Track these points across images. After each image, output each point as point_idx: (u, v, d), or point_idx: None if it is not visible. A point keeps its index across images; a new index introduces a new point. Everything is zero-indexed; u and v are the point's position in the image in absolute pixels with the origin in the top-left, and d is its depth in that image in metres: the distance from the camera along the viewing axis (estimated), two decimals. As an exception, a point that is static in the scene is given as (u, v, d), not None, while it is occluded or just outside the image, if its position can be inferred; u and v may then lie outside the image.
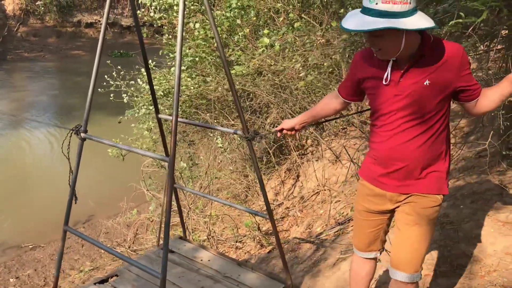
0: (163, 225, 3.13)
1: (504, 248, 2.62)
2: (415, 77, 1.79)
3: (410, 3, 1.64)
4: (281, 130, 2.32)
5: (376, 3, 1.65)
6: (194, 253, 2.96)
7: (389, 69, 1.82)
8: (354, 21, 1.72)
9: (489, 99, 1.80)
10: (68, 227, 2.26)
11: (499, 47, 3.08)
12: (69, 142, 2.18)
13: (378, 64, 1.87)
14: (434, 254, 2.81)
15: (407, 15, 1.65)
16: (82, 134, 2.18)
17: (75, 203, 2.22)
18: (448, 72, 1.76)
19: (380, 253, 2.22)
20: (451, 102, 1.90)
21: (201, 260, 2.89)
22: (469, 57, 3.21)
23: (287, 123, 2.29)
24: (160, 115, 2.79)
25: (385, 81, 1.83)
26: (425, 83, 1.77)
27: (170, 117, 2.56)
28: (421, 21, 1.66)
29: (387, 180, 1.96)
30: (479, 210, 3.05)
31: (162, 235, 3.20)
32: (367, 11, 1.68)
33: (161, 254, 2.94)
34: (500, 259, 2.57)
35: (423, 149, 1.85)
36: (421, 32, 1.76)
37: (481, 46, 3.26)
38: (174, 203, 3.26)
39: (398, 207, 2.00)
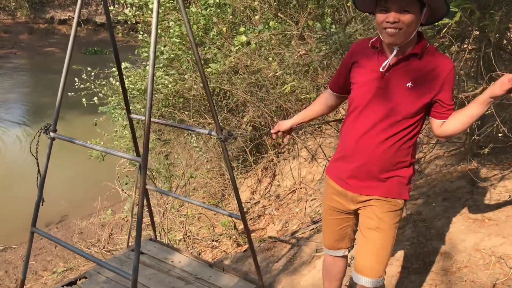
0: (133, 226, 3.09)
1: (474, 244, 2.68)
2: (400, 76, 1.79)
3: None
4: (277, 132, 2.28)
5: None
6: (165, 254, 2.93)
7: (394, 53, 1.78)
8: None
9: (456, 119, 1.78)
10: (35, 229, 2.20)
11: (471, 47, 3.14)
12: (38, 142, 2.13)
13: (372, 54, 1.86)
14: (407, 251, 2.86)
15: None
16: (52, 134, 2.11)
17: (42, 204, 2.16)
18: (432, 81, 1.76)
19: (349, 251, 2.24)
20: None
21: (172, 261, 2.86)
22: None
23: (283, 125, 2.25)
24: (132, 115, 2.72)
25: (382, 68, 1.80)
26: (407, 85, 1.78)
27: (142, 117, 2.52)
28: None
29: (350, 180, 1.97)
30: (451, 207, 3.11)
31: (133, 236, 3.16)
32: None
33: (131, 255, 2.91)
34: (470, 256, 2.62)
35: (390, 151, 1.85)
36: (419, 33, 1.78)
37: (454, 46, 3.32)
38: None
39: (360, 208, 2.01)
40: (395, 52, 1.77)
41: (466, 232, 2.80)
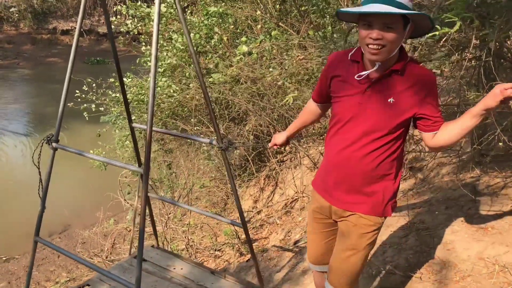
0: (135, 234, 3.10)
1: (478, 253, 2.67)
2: (382, 91, 1.78)
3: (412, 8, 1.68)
4: (274, 145, 2.35)
5: None
6: (167, 261, 2.94)
7: (376, 67, 1.75)
8: (375, 6, 1.64)
9: (449, 131, 1.76)
10: (39, 238, 2.21)
11: (471, 56, 3.15)
12: (40, 152, 2.15)
13: (352, 68, 1.84)
14: (410, 260, 2.85)
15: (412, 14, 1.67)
16: (54, 144, 2.14)
17: (42, 211, 2.18)
18: (414, 96, 1.76)
19: None
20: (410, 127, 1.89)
21: (174, 268, 2.87)
22: (444, 69, 3.30)
23: (279, 138, 2.32)
24: (134, 124, 2.74)
25: (358, 78, 1.78)
26: (389, 100, 1.77)
27: (144, 126, 2.54)
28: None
29: (334, 192, 1.97)
30: (454, 216, 3.10)
31: (135, 244, 3.17)
32: (385, 1, 1.64)
33: (133, 263, 2.91)
34: (474, 264, 2.61)
35: (373, 164, 1.84)
36: (400, 48, 1.75)
37: (455, 55, 3.33)
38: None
39: (341, 221, 2.02)
40: (376, 67, 1.75)
41: (469, 240, 2.80)
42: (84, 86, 6.58)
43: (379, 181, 1.88)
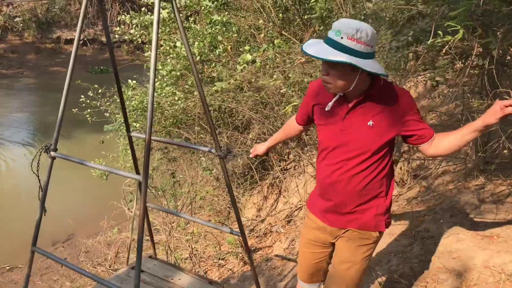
0: (132, 244, 3.09)
1: (484, 261, 2.66)
2: (360, 115, 1.85)
3: (372, 46, 1.70)
4: (256, 156, 2.47)
5: (342, 37, 1.67)
6: (165, 272, 2.93)
7: (334, 99, 1.86)
8: (317, 48, 1.73)
9: (449, 142, 1.81)
10: (36, 248, 2.20)
11: (474, 64, 3.16)
12: (38, 160, 2.16)
13: (330, 96, 1.90)
14: (415, 269, 2.83)
15: (366, 57, 1.69)
16: (52, 153, 2.15)
17: (44, 215, 2.17)
18: (392, 116, 1.81)
19: (323, 283, 2.27)
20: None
21: (172, 279, 2.87)
22: (439, 77, 3.30)
23: (259, 149, 2.42)
24: (132, 133, 2.77)
25: (328, 108, 1.88)
26: (368, 123, 1.83)
27: (142, 136, 2.55)
28: (375, 65, 1.72)
29: (328, 215, 2.04)
30: (459, 224, 3.09)
31: (133, 254, 3.15)
32: (331, 43, 1.70)
33: (131, 273, 2.90)
34: (480, 273, 2.60)
35: (361, 185, 1.90)
36: (373, 75, 1.80)
37: (458, 63, 3.34)
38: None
39: (337, 240, 2.08)
40: (336, 97, 1.85)
41: (475, 249, 2.78)
42: (90, 92, 6.60)
43: (371, 199, 1.95)
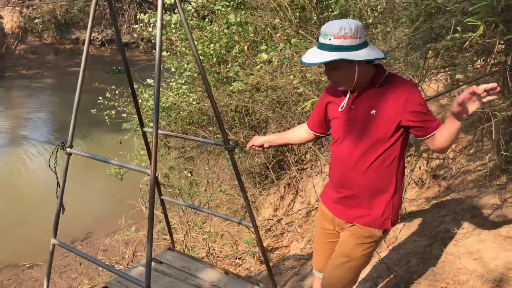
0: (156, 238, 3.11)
1: (506, 263, 2.60)
2: (364, 104, 1.91)
3: (360, 37, 1.80)
4: (251, 146, 2.46)
5: (330, 39, 1.80)
6: (182, 263, 2.98)
7: (348, 96, 1.95)
8: (312, 55, 1.87)
9: (442, 135, 1.80)
10: (57, 241, 2.24)
11: (495, 61, 3.09)
12: (56, 157, 2.20)
13: (340, 92, 2.00)
14: (435, 270, 2.79)
15: (357, 48, 1.80)
16: (68, 149, 2.21)
17: (63, 213, 2.21)
18: (394, 105, 1.84)
19: None
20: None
21: (189, 269, 2.90)
22: (460, 75, 3.24)
23: (257, 140, 2.42)
24: (145, 129, 2.82)
25: (341, 108, 1.97)
26: (371, 112, 1.88)
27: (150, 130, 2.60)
28: (370, 52, 1.82)
29: (338, 206, 2.09)
30: (480, 224, 3.03)
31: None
32: (323, 47, 1.83)
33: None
34: (502, 275, 2.54)
35: (372, 175, 1.94)
36: (376, 65, 1.90)
37: (479, 60, 3.28)
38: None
39: (342, 231, 2.12)
40: (349, 94, 1.95)
41: (497, 250, 2.73)
42: (107, 93, 6.68)
43: (380, 194, 1.96)
